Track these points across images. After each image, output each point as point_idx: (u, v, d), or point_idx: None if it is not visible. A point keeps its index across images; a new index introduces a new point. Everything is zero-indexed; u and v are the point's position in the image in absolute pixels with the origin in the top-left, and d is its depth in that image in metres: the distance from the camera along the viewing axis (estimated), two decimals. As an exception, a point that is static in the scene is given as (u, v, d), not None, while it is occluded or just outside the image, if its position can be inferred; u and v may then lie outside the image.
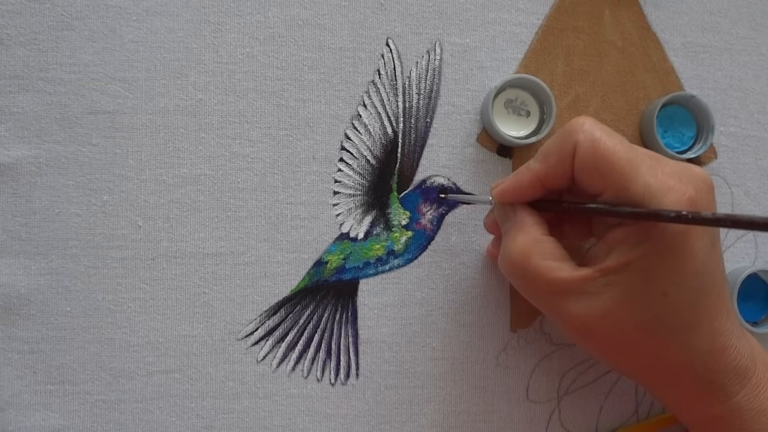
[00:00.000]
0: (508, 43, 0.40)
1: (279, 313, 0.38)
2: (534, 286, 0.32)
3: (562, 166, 0.32)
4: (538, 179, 0.33)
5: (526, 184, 0.33)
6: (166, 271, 0.37)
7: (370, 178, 0.39)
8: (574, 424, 0.40)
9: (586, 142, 0.31)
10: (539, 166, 0.33)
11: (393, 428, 0.38)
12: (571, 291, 0.31)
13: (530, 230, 0.32)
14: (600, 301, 0.30)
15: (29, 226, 0.36)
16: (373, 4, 0.39)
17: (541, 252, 0.32)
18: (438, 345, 0.39)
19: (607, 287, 0.30)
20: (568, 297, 0.31)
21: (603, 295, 0.30)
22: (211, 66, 0.38)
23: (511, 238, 0.33)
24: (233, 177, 0.38)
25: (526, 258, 0.32)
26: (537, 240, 0.32)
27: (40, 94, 0.36)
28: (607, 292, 0.30)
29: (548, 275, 0.31)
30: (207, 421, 0.37)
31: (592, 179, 0.31)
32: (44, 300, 0.36)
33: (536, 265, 0.32)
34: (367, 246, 0.38)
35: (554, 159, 0.32)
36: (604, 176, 0.30)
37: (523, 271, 0.32)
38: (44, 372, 0.36)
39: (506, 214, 0.34)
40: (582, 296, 0.31)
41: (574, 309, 0.31)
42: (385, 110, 0.39)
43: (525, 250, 0.32)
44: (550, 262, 0.31)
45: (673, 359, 0.31)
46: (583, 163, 0.31)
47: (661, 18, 0.41)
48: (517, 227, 0.33)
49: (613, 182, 0.30)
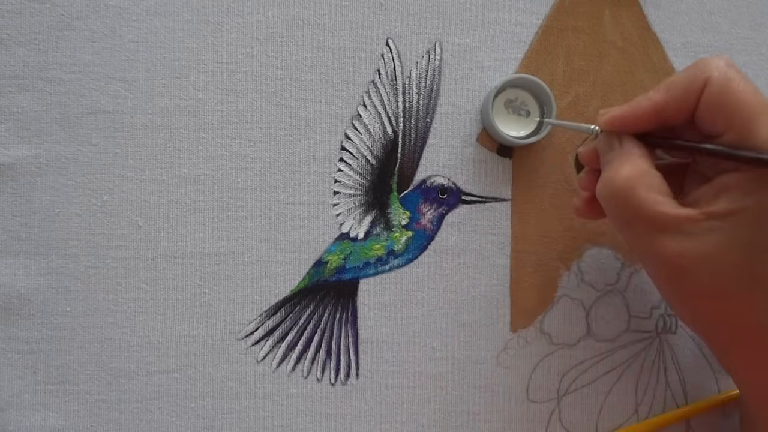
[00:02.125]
0: (508, 43, 0.40)
1: (279, 313, 0.38)
2: (633, 218, 0.31)
3: (686, 99, 0.30)
4: (655, 110, 0.31)
5: (641, 113, 0.32)
6: (166, 271, 0.37)
7: (370, 178, 0.39)
8: (574, 424, 0.40)
9: (720, 77, 0.30)
10: (660, 96, 0.31)
11: (393, 428, 0.38)
12: (672, 228, 0.30)
13: (638, 161, 0.31)
14: (700, 244, 0.29)
15: (29, 226, 0.36)
16: (373, 4, 0.39)
17: (647, 184, 0.31)
18: (438, 345, 0.39)
19: (710, 232, 0.29)
20: (667, 233, 0.30)
21: (704, 239, 0.29)
22: (211, 66, 0.38)
23: (616, 166, 0.32)
24: (233, 177, 0.38)
25: (631, 188, 0.31)
26: (645, 171, 0.31)
27: (40, 94, 0.36)
28: (710, 237, 0.29)
29: (652, 208, 0.30)
30: (207, 421, 0.37)
31: (716, 118, 0.30)
32: (44, 300, 0.36)
33: (641, 196, 0.30)
34: (367, 246, 0.38)
35: (680, 91, 0.31)
36: (732, 116, 0.29)
37: (626, 200, 0.31)
38: (44, 372, 0.36)
39: (611, 144, 0.33)
40: (682, 235, 0.30)
41: (671, 247, 0.30)
42: (385, 110, 0.39)
43: (631, 180, 0.31)
44: (656, 195, 0.30)
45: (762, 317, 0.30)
46: (713, 99, 0.30)
47: (661, 18, 0.41)
48: (624, 156, 0.32)
49: (740, 124, 0.29)
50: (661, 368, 0.41)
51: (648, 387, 0.41)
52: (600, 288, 0.40)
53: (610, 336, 0.40)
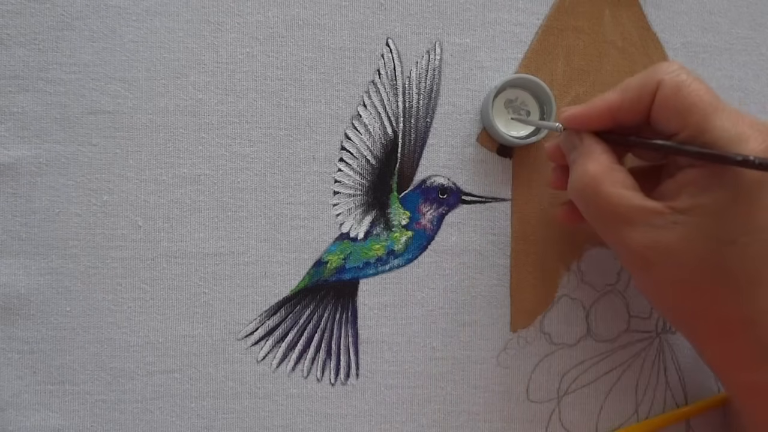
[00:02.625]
0: (508, 43, 0.40)
1: (279, 313, 0.38)
2: (602, 213, 0.32)
3: (640, 101, 0.32)
4: (610, 109, 0.33)
5: (597, 112, 0.33)
6: (166, 271, 0.37)
7: (370, 178, 0.39)
8: (574, 424, 0.40)
9: (671, 80, 0.31)
10: (615, 96, 0.33)
11: (393, 428, 0.38)
12: (638, 221, 0.31)
13: (600, 158, 0.33)
14: (665, 236, 0.30)
15: (29, 226, 0.36)
16: (373, 4, 0.39)
17: (612, 180, 0.32)
18: (438, 345, 0.39)
19: (674, 225, 0.30)
20: (634, 226, 0.31)
21: (669, 231, 0.30)
22: (211, 66, 0.38)
23: (581, 164, 0.33)
24: (233, 177, 0.38)
25: (598, 184, 0.32)
26: (609, 167, 0.32)
27: (40, 94, 0.36)
28: (674, 230, 0.30)
29: (618, 202, 0.31)
30: (207, 421, 0.37)
31: (670, 117, 0.31)
32: (44, 300, 0.36)
33: (607, 191, 0.32)
34: (367, 246, 0.38)
35: (634, 92, 0.32)
36: (684, 115, 0.30)
37: (594, 197, 0.32)
38: (44, 372, 0.36)
39: (572, 142, 0.34)
40: (647, 228, 0.31)
41: (639, 238, 0.31)
42: (385, 110, 0.39)
43: (596, 177, 0.32)
44: (621, 190, 0.32)
45: (731, 311, 0.31)
46: (665, 100, 0.31)
47: (661, 18, 0.41)
48: (587, 154, 0.33)
49: (692, 123, 0.30)
50: (661, 368, 0.41)
51: (648, 387, 0.41)
52: (600, 288, 0.40)
53: (610, 336, 0.40)
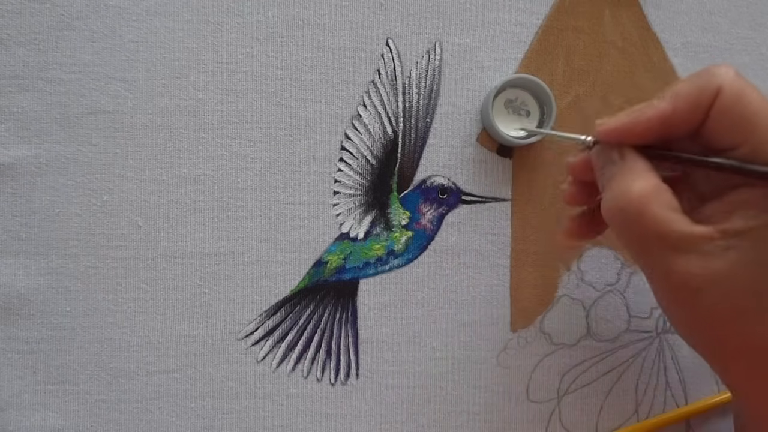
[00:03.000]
0: (508, 43, 0.40)
1: (279, 313, 0.38)
2: (646, 237, 0.29)
3: (695, 109, 0.29)
4: (660, 120, 0.29)
5: (644, 124, 0.30)
6: (166, 271, 0.37)
7: (370, 178, 0.39)
8: (574, 424, 0.40)
9: (733, 87, 0.28)
10: (666, 105, 0.29)
11: (393, 428, 0.38)
12: (686, 247, 0.28)
13: (648, 176, 0.29)
14: (716, 263, 0.28)
15: (29, 226, 0.36)
16: (373, 4, 0.39)
17: (660, 201, 0.29)
18: (438, 345, 0.39)
19: (727, 251, 0.28)
20: (680, 252, 0.28)
21: (720, 258, 0.28)
22: (211, 66, 0.38)
23: (625, 182, 0.29)
24: (233, 177, 0.38)
25: (644, 204, 0.29)
26: (657, 187, 0.29)
27: (40, 94, 0.36)
28: (726, 256, 0.28)
29: (666, 226, 0.28)
30: (207, 421, 0.37)
31: (731, 129, 0.28)
32: (44, 300, 0.36)
33: (655, 213, 0.29)
34: (367, 246, 0.38)
35: (688, 100, 0.29)
36: (748, 127, 0.28)
37: (638, 217, 0.29)
38: (44, 372, 0.36)
39: (610, 157, 0.31)
40: (698, 255, 0.28)
41: (685, 266, 0.28)
42: (385, 110, 0.39)
43: (643, 197, 0.29)
44: (670, 213, 0.29)
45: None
46: (727, 109, 0.28)
47: (661, 18, 0.41)
48: (630, 171, 0.30)
49: (755, 136, 0.28)
50: (661, 368, 0.41)
51: (648, 387, 0.41)
52: (600, 288, 0.40)
53: (610, 336, 0.40)
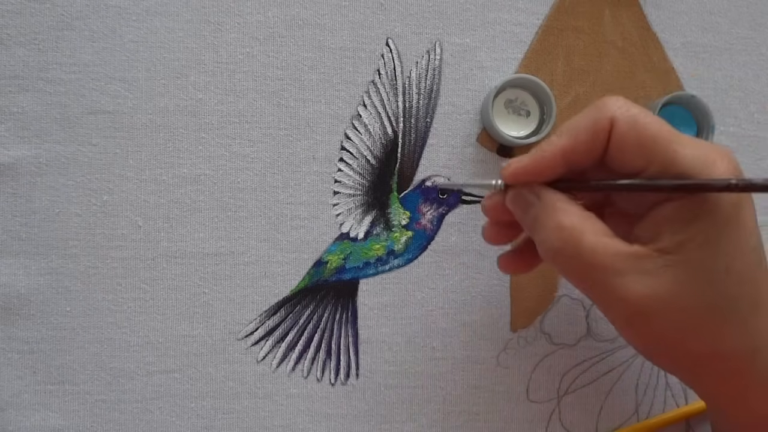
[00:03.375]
0: (508, 43, 0.40)
1: (279, 313, 0.38)
2: (588, 269, 0.29)
3: (593, 142, 0.30)
4: (563, 155, 0.30)
5: (548, 161, 0.30)
6: (166, 271, 0.37)
7: (370, 178, 0.39)
8: (574, 424, 0.40)
9: (624, 116, 0.29)
10: (566, 141, 0.30)
11: (393, 428, 0.38)
12: (627, 268, 0.28)
13: (571, 209, 0.30)
14: (659, 283, 0.28)
15: (29, 226, 0.36)
16: (373, 4, 0.39)
17: (593, 230, 0.29)
18: (438, 345, 0.39)
19: (665, 268, 0.28)
20: (626, 275, 0.28)
21: (662, 277, 0.28)
22: (211, 66, 0.38)
23: (551, 221, 0.30)
24: (233, 177, 0.38)
25: (578, 237, 0.29)
26: (585, 217, 0.30)
27: (40, 94, 0.36)
28: (666, 274, 0.28)
29: (606, 252, 0.29)
30: (207, 421, 0.37)
31: (633, 155, 0.29)
32: (44, 300, 0.36)
33: (591, 243, 0.29)
34: (367, 246, 0.38)
35: (585, 134, 0.30)
36: (649, 150, 0.29)
37: (576, 251, 0.29)
38: (44, 372, 0.36)
39: (526, 200, 0.31)
40: (642, 275, 0.28)
41: (635, 289, 0.28)
42: (385, 110, 0.39)
43: (575, 230, 0.29)
44: (605, 239, 0.29)
45: (737, 345, 0.29)
46: (624, 137, 0.29)
47: (661, 18, 0.41)
48: (552, 209, 0.30)
49: (660, 155, 0.28)
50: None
51: (648, 387, 0.41)
52: (600, 288, 0.40)
53: (610, 336, 0.40)
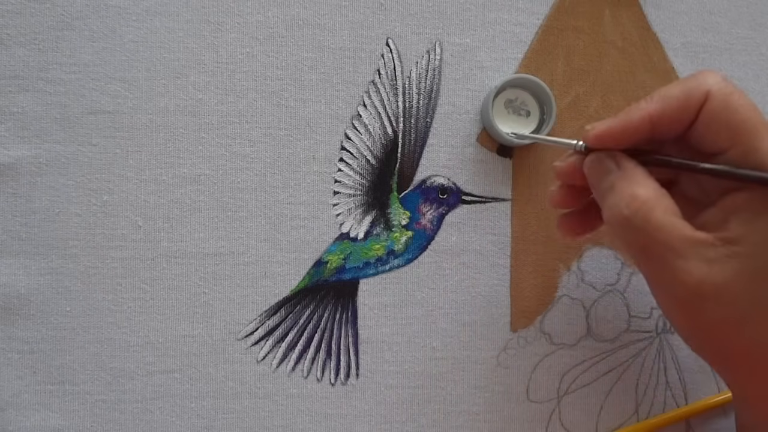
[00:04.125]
0: (508, 43, 0.40)
1: (279, 313, 0.38)
2: (652, 244, 0.29)
3: (684, 112, 0.29)
4: (649, 121, 0.30)
5: (634, 125, 0.30)
6: (166, 271, 0.37)
7: (370, 178, 0.39)
8: (574, 424, 0.40)
9: (720, 92, 0.28)
10: (655, 107, 0.29)
11: (393, 428, 0.38)
12: (690, 253, 0.28)
13: (648, 183, 0.30)
14: (719, 270, 0.28)
15: (29, 226, 0.36)
16: (373, 4, 0.39)
17: (664, 207, 0.29)
18: (438, 345, 0.39)
19: (728, 258, 0.28)
20: (685, 258, 0.28)
21: (723, 265, 0.28)
22: (211, 66, 0.38)
23: (627, 189, 0.30)
24: (233, 177, 0.38)
25: (649, 211, 0.29)
26: (659, 194, 0.29)
27: (40, 94, 0.36)
28: (728, 264, 0.28)
29: (672, 232, 0.29)
30: (207, 421, 0.37)
31: (719, 135, 0.29)
32: (44, 300, 0.36)
33: (660, 219, 0.29)
34: (367, 246, 0.38)
35: (677, 102, 0.29)
36: (735, 133, 0.28)
37: (644, 224, 0.29)
38: (44, 372, 0.36)
39: (606, 166, 0.31)
40: (701, 261, 0.28)
41: (695, 273, 0.28)
42: (385, 110, 0.39)
43: (647, 203, 0.29)
44: (674, 219, 0.29)
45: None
46: (714, 114, 0.28)
47: (661, 18, 0.41)
48: (630, 179, 0.30)
49: (744, 141, 0.28)
50: (661, 368, 0.41)
51: (648, 387, 0.41)
52: (600, 288, 0.40)
53: (610, 336, 0.40)
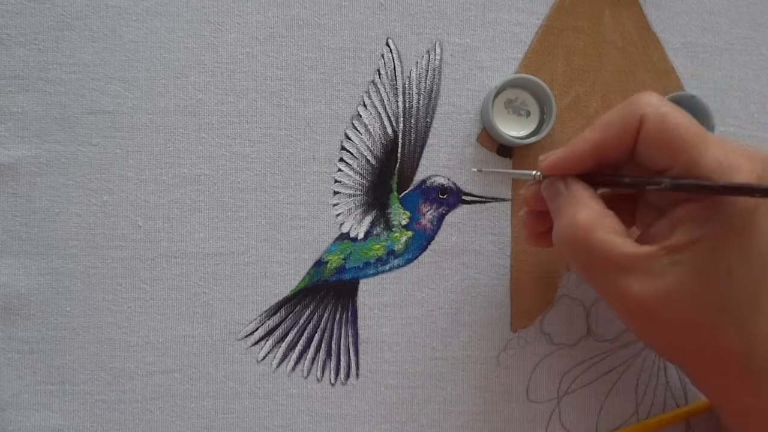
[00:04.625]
0: (508, 43, 0.40)
1: (279, 313, 0.38)
2: (595, 262, 0.31)
3: (624, 138, 0.30)
4: (594, 150, 0.31)
5: (580, 154, 0.32)
6: (166, 271, 0.37)
7: (370, 178, 0.39)
8: (574, 424, 0.40)
9: (654, 114, 0.30)
10: (596, 136, 0.31)
11: (393, 428, 0.38)
12: (634, 269, 0.30)
13: (591, 203, 0.31)
14: (663, 281, 0.29)
15: (29, 226, 0.36)
16: (373, 4, 0.39)
17: (604, 226, 0.30)
18: (438, 345, 0.39)
19: (672, 266, 0.29)
20: (630, 275, 0.30)
21: (667, 275, 0.29)
22: (211, 66, 0.38)
23: (570, 212, 0.31)
24: (233, 177, 0.38)
25: (590, 232, 0.30)
26: (600, 214, 0.31)
27: (40, 94, 0.36)
28: (671, 272, 0.29)
29: (612, 251, 0.30)
30: (207, 421, 0.37)
31: (659, 154, 0.30)
32: (44, 300, 0.36)
33: (600, 239, 0.30)
34: (367, 246, 0.38)
35: (616, 129, 0.31)
36: (674, 150, 0.29)
37: (585, 245, 0.31)
38: (44, 372, 0.36)
39: (557, 189, 0.33)
40: (644, 275, 0.29)
41: (636, 288, 0.30)
42: (385, 110, 0.39)
43: (588, 224, 0.31)
44: (614, 237, 0.30)
45: (730, 344, 0.30)
46: (651, 136, 0.30)
47: (661, 18, 0.41)
48: (574, 201, 0.32)
49: (684, 156, 0.29)
50: (661, 368, 0.41)
51: (648, 387, 0.41)
52: (600, 288, 0.40)
53: (610, 336, 0.40)
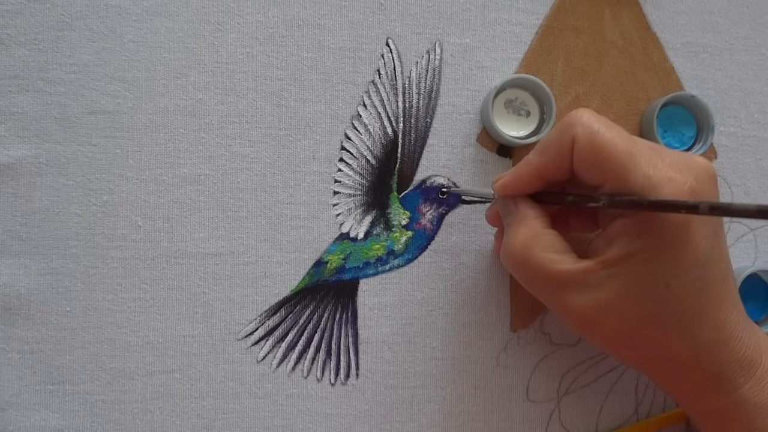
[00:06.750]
0: (508, 43, 0.40)
1: (279, 313, 0.38)
2: (535, 280, 0.32)
3: (561, 159, 0.32)
4: (537, 172, 0.33)
5: (526, 178, 0.33)
6: (166, 271, 0.37)
7: (370, 178, 0.39)
8: (574, 424, 0.40)
9: (584, 134, 0.30)
10: (538, 160, 0.33)
11: (393, 428, 0.38)
12: (573, 284, 0.31)
13: (531, 223, 0.32)
14: (601, 293, 0.30)
15: (29, 226, 0.36)
16: (373, 4, 0.39)
17: (542, 245, 0.32)
18: (438, 345, 0.39)
19: (608, 279, 0.30)
20: (569, 290, 0.31)
21: (604, 288, 0.30)
22: (211, 66, 0.38)
23: (512, 231, 0.33)
24: (233, 177, 0.38)
25: (527, 251, 0.32)
26: (538, 233, 0.32)
27: (40, 94, 0.36)
28: (609, 285, 0.30)
29: (549, 268, 0.31)
30: (207, 421, 0.37)
31: (591, 172, 0.31)
32: (44, 300, 0.36)
33: (537, 257, 0.32)
34: (367, 246, 0.38)
35: (553, 152, 0.32)
36: (603, 169, 0.30)
37: (524, 264, 0.32)
38: (44, 372, 0.36)
39: (508, 208, 0.34)
40: (584, 289, 0.31)
41: (576, 302, 0.31)
42: (385, 110, 0.39)
43: (526, 243, 0.32)
44: (551, 255, 0.31)
45: (677, 351, 0.31)
46: (582, 156, 0.31)
47: (661, 18, 0.41)
48: (518, 220, 0.33)
49: (613, 174, 0.30)
50: (661, 368, 0.41)
51: (648, 387, 0.41)
52: (600, 288, 0.40)
53: (610, 336, 0.40)
